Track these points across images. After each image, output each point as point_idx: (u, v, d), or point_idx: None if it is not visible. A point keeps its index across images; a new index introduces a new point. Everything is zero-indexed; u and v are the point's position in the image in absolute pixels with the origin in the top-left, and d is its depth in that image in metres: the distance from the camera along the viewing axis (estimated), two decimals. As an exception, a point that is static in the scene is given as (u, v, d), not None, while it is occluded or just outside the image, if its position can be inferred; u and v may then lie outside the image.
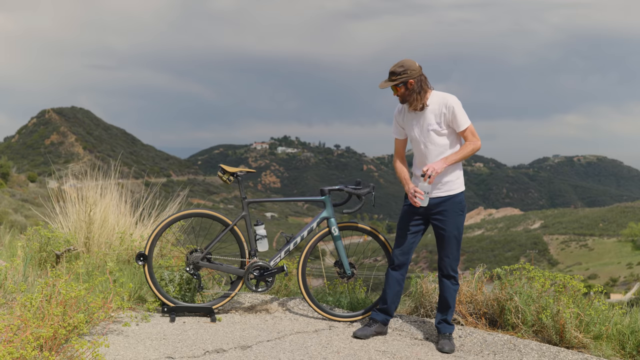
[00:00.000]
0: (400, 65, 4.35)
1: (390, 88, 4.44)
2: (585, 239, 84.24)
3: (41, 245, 5.62)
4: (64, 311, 3.59)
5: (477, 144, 4.40)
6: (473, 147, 4.39)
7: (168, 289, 4.98)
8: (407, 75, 4.33)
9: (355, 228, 5.01)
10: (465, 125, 4.37)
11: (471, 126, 4.40)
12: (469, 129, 4.38)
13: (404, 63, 4.36)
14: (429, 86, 4.40)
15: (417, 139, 4.49)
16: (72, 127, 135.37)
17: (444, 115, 4.37)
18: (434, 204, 4.44)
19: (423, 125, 4.43)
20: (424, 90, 4.37)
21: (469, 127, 4.38)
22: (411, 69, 4.33)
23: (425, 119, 4.42)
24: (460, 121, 4.36)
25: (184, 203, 6.56)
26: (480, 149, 4.48)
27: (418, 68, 4.36)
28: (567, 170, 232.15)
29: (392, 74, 4.37)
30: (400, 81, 4.34)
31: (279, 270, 4.88)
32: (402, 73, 4.33)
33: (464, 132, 4.39)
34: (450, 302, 4.52)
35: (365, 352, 4.19)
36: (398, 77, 4.34)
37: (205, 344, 4.13)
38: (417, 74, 4.34)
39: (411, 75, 4.33)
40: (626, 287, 54.79)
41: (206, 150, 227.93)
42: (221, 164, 4.89)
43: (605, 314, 4.61)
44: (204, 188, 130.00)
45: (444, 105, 4.37)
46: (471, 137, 4.40)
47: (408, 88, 4.36)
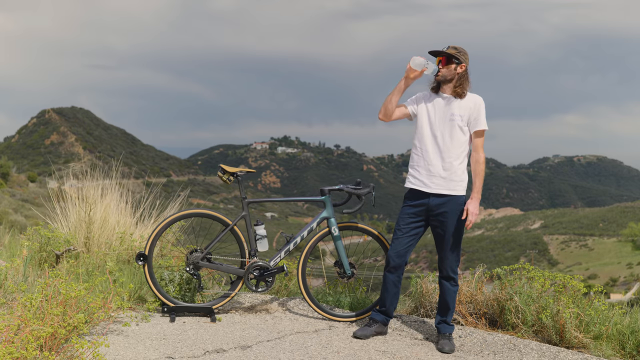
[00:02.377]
0: (458, 49, 4.35)
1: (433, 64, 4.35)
2: (585, 239, 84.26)
3: (41, 245, 5.62)
4: (64, 311, 3.59)
5: (482, 158, 4.40)
6: (483, 167, 4.38)
7: (168, 289, 4.98)
8: (462, 59, 4.34)
9: (355, 228, 5.01)
10: (484, 127, 4.38)
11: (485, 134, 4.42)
12: (483, 133, 4.40)
13: (461, 49, 4.36)
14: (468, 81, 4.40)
15: (434, 127, 4.41)
16: (72, 127, 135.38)
17: (470, 109, 4.36)
18: (435, 204, 4.43)
19: (446, 114, 4.38)
20: (467, 81, 4.38)
21: (484, 132, 4.41)
22: (466, 56, 4.36)
23: (450, 109, 4.38)
24: (483, 120, 4.38)
25: (185, 203, 6.56)
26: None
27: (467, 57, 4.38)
28: (567, 170, 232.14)
29: (449, 54, 4.31)
30: (454, 61, 4.33)
31: (279, 270, 4.88)
32: (457, 54, 4.32)
33: (479, 133, 4.38)
34: (450, 304, 4.52)
35: (365, 352, 4.19)
36: (457, 53, 4.33)
37: (205, 344, 4.13)
38: (468, 63, 4.37)
39: (464, 61, 4.35)
40: (626, 287, 54.79)
41: (206, 150, 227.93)
42: (221, 164, 4.90)
43: (605, 314, 4.61)
44: (204, 188, 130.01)
45: (472, 101, 4.37)
46: (480, 145, 4.40)
47: (458, 70, 4.34)
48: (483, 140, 4.41)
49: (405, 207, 4.56)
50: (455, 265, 4.51)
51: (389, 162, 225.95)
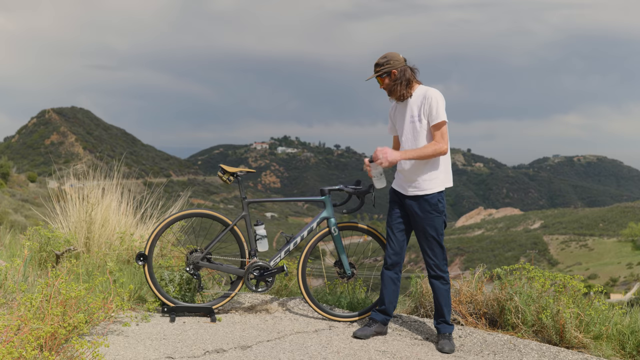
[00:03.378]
0: (384, 57, 4.44)
1: (377, 81, 4.50)
2: (585, 239, 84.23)
3: (41, 245, 5.62)
4: (64, 311, 3.59)
5: (442, 147, 4.32)
6: (435, 149, 4.31)
7: (168, 289, 4.98)
8: (390, 66, 4.40)
9: (355, 228, 5.02)
10: (439, 119, 4.31)
11: (444, 126, 4.34)
12: (441, 125, 4.32)
13: (387, 55, 4.45)
14: (415, 78, 4.45)
15: (400, 133, 4.53)
16: (72, 127, 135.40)
17: (419, 105, 4.39)
18: (409, 204, 4.50)
19: (406, 118, 4.47)
20: (408, 80, 4.41)
21: (442, 125, 4.33)
22: (394, 60, 4.41)
23: (409, 111, 4.45)
24: (436, 113, 4.32)
25: (186, 203, 6.56)
26: (480, 149, 4.50)
27: (401, 59, 4.44)
28: (567, 170, 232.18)
29: (376, 66, 4.46)
30: (384, 71, 4.41)
31: (279, 270, 4.88)
32: (385, 64, 4.42)
33: (435, 127, 4.33)
34: (443, 303, 4.51)
35: (365, 352, 4.19)
36: (382, 68, 4.42)
37: (205, 344, 4.13)
38: (400, 65, 4.41)
39: (394, 66, 4.40)
40: (626, 287, 54.78)
41: (206, 150, 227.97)
42: (221, 164, 4.90)
43: (605, 314, 4.61)
44: (204, 188, 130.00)
45: (424, 96, 4.39)
46: (439, 137, 4.33)
47: (392, 78, 4.42)
48: (442, 132, 4.33)
49: (390, 206, 4.66)
50: (441, 263, 4.50)
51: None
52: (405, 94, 4.42)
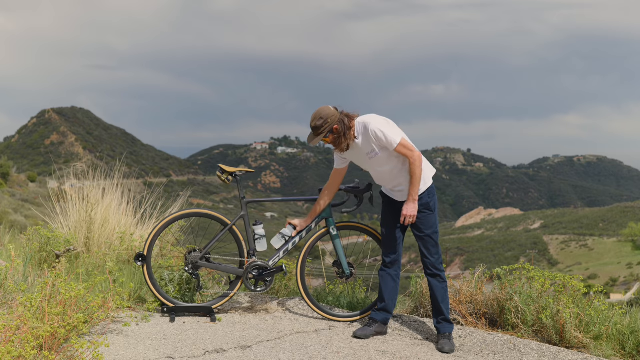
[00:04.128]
0: (319, 118, 4.41)
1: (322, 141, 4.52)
2: (585, 239, 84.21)
3: (41, 245, 5.61)
4: (63, 311, 3.59)
5: (414, 157, 4.38)
6: (415, 165, 4.38)
7: (168, 289, 4.98)
8: (328, 124, 4.40)
9: (354, 228, 5.01)
10: (395, 144, 4.36)
11: (402, 141, 4.37)
12: (400, 146, 4.36)
13: (321, 113, 4.42)
14: (352, 119, 4.45)
15: (367, 167, 4.62)
16: (72, 127, 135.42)
17: (371, 141, 4.41)
18: (401, 207, 4.57)
19: (363, 156, 4.53)
20: (348, 128, 4.43)
21: (400, 144, 4.36)
22: (330, 116, 4.40)
23: (362, 150, 4.50)
24: (388, 141, 4.36)
25: (185, 203, 6.56)
26: (480, 149, 4.52)
27: (335, 112, 4.43)
28: (567, 170, 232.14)
29: (315, 129, 4.43)
30: (326, 131, 4.41)
31: (278, 270, 4.88)
32: (323, 124, 4.40)
33: (398, 148, 4.38)
34: (441, 301, 4.53)
35: (365, 352, 4.19)
36: (323, 129, 4.41)
37: (205, 344, 4.13)
38: (336, 118, 4.41)
39: (332, 122, 4.40)
40: (626, 287, 54.78)
41: (206, 150, 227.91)
42: (220, 164, 4.90)
43: (605, 314, 4.61)
44: (204, 188, 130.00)
45: (366, 132, 4.41)
46: (406, 152, 4.38)
47: (335, 133, 4.43)
48: (406, 147, 4.38)
49: (383, 205, 4.73)
50: (437, 261, 4.54)
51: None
52: (350, 143, 4.46)
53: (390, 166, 4.49)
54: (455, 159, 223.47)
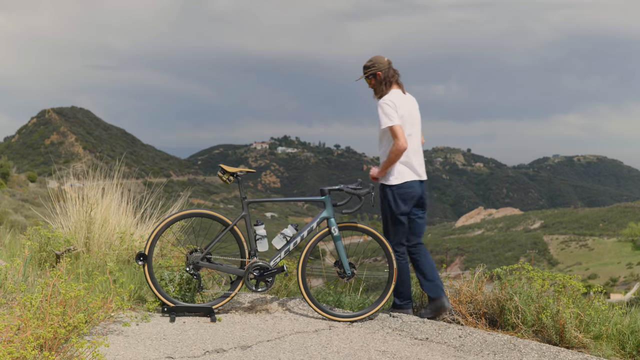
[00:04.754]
0: (370, 60, 4.96)
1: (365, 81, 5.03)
2: (585, 239, 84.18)
3: (41, 245, 5.61)
4: (63, 311, 3.58)
5: (396, 146, 4.76)
6: (392, 150, 4.79)
7: (168, 289, 4.98)
8: (375, 68, 4.92)
9: (355, 228, 5.01)
10: (383, 126, 4.81)
11: (394, 128, 4.76)
12: (389, 130, 4.79)
13: (373, 58, 4.97)
14: (395, 82, 4.90)
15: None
16: (72, 127, 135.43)
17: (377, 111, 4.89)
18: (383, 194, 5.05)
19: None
20: (389, 81, 4.89)
21: (389, 129, 4.79)
22: (379, 63, 4.93)
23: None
24: (380, 121, 4.82)
25: (186, 203, 6.56)
26: (480, 149, 4.57)
27: (386, 62, 4.94)
28: (567, 170, 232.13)
29: (364, 68, 4.98)
30: (370, 73, 4.94)
31: (279, 270, 4.88)
32: (371, 67, 4.94)
33: (385, 131, 4.83)
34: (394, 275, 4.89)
35: (365, 352, 4.19)
36: (368, 70, 4.95)
37: (205, 344, 4.13)
38: (384, 67, 4.91)
39: (379, 68, 4.91)
40: (626, 287, 54.78)
41: (206, 150, 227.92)
42: (221, 164, 4.90)
43: (605, 314, 4.61)
44: (204, 188, 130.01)
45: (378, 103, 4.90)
46: (393, 139, 4.79)
47: (377, 79, 4.94)
48: (393, 132, 4.77)
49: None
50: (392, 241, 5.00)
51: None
52: (385, 93, 4.91)
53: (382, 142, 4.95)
54: (455, 159, 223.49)
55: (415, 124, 5.00)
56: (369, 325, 4.83)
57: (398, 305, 5.08)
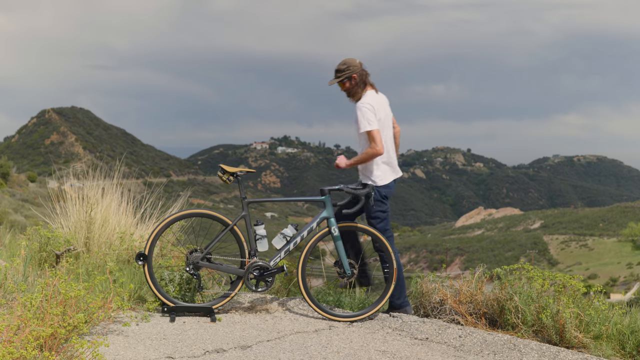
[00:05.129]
0: (343, 63, 4.94)
1: (337, 85, 5.01)
2: (585, 239, 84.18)
3: (41, 245, 5.61)
4: (63, 311, 3.59)
5: (373, 150, 4.83)
6: (368, 152, 4.85)
7: (168, 288, 4.98)
8: (350, 71, 4.92)
9: (355, 228, 5.02)
10: (362, 130, 4.86)
11: (372, 132, 4.82)
12: (367, 134, 4.84)
13: (346, 61, 4.95)
14: (369, 83, 4.95)
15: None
16: (72, 127, 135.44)
17: (354, 115, 4.96)
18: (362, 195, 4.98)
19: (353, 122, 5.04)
20: (364, 83, 4.93)
21: (368, 133, 4.84)
22: (353, 65, 4.93)
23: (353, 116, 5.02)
24: (359, 125, 4.87)
25: (186, 203, 6.56)
26: (480, 149, 4.58)
27: (359, 64, 4.96)
28: (567, 170, 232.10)
29: (337, 72, 4.96)
30: (345, 76, 4.92)
31: (279, 270, 4.88)
32: (345, 70, 4.93)
33: (364, 135, 4.89)
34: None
35: (365, 352, 4.19)
36: (343, 73, 4.93)
37: (205, 344, 4.13)
38: (358, 69, 4.93)
39: (353, 71, 4.92)
40: (626, 287, 54.78)
41: (206, 150, 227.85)
42: (221, 164, 4.90)
43: (605, 314, 4.61)
44: (204, 188, 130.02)
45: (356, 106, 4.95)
46: (370, 142, 4.85)
47: (352, 82, 4.93)
48: (371, 136, 4.83)
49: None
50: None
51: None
52: (361, 95, 4.96)
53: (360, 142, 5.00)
54: (455, 159, 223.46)
55: (389, 127, 5.13)
56: (369, 325, 4.83)
57: (397, 305, 5.07)
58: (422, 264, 79.55)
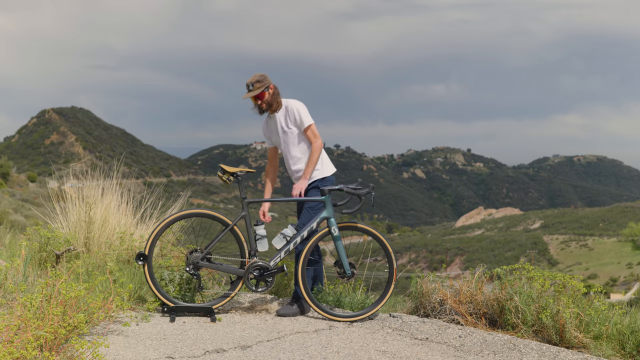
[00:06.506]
0: (260, 76, 5.01)
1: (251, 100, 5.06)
2: (585, 239, 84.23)
3: (41, 245, 5.61)
4: (64, 311, 3.59)
5: (317, 143, 5.05)
6: (315, 148, 5.04)
7: (168, 289, 4.98)
8: (267, 82, 5.01)
9: (355, 228, 5.01)
10: (308, 123, 5.04)
11: (313, 126, 5.07)
12: (310, 128, 5.06)
13: (259, 75, 5.02)
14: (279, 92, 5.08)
15: (279, 141, 5.20)
16: (72, 127, 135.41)
17: (288, 117, 5.08)
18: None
19: (278, 129, 5.13)
20: (279, 93, 5.07)
21: (310, 127, 5.05)
22: (266, 78, 5.03)
23: (278, 123, 5.12)
24: (302, 121, 5.04)
25: (186, 203, 6.56)
26: (480, 149, 4.59)
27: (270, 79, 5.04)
28: (567, 170, 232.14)
29: (256, 83, 4.99)
30: (264, 86, 4.98)
31: (279, 270, 4.88)
32: (263, 81, 4.99)
33: (306, 130, 5.05)
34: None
35: (365, 352, 4.19)
36: (261, 84, 4.98)
37: (205, 344, 4.13)
38: (271, 81, 5.03)
39: (269, 82, 5.02)
40: (626, 287, 54.81)
41: (206, 150, 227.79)
42: (221, 164, 4.90)
43: (605, 314, 4.61)
44: (204, 188, 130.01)
45: (288, 108, 5.08)
46: (312, 136, 5.05)
47: (270, 93, 5.02)
48: (313, 132, 5.06)
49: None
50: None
51: (389, 162, 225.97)
52: (280, 105, 5.08)
53: (300, 145, 5.11)
54: (455, 159, 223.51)
55: None
56: (369, 325, 4.84)
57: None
58: (422, 264, 79.58)
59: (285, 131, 5.10)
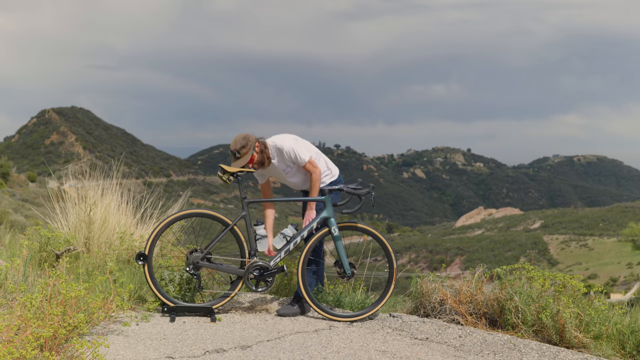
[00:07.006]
0: (242, 139, 4.90)
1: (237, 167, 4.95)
2: (585, 239, 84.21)
3: (41, 245, 5.61)
4: (64, 311, 3.59)
5: (316, 173, 5.02)
6: (314, 179, 5.01)
7: (168, 288, 4.98)
8: (251, 142, 4.90)
9: (355, 228, 5.01)
10: (305, 162, 5.00)
11: (310, 160, 5.01)
12: (308, 163, 5.01)
13: (240, 136, 4.92)
14: (265, 143, 5.01)
15: (283, 180, 5.25)
16: (72, 127, 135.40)
17: (284, 159, 5.02)
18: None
19: (280, 172, 5.12)
20: (265, 147, 4.98)
21: (308, 162, 5.01)
22: (249, 138, 4.92)
23: (278, 168, 5.07)
24: (299, 159, 4.98)
25: (186, 203, 6.56)
26: (480, 149, 4.60)
27: (251, 135, 4.96)
28: (567, 170, 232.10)
29: (242, 148, 4.89)
30: (251, 149, 4.89)
31: (279, 270, 4.88)
32: (247, 143, 4.88)
33: (305, 166, 5.01)
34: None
35: (365, 352, 4.19)
36: (247, 148, 4.88)
37: (205, 344, 4.13)
38: (255, 138, 4.95)
39: (254, 141, 4.92)
40: (626, 287, 54.80)
41: (206, 150, 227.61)
42: (221, 164, 4.90)
43: (605, 314, 4.61)
44: (204, 188, 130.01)
45: (280, 152, 5.00)
46: (311, 168, 5.01)
47: (257, 152, 4.94)
48: (311, 164, 5.03)
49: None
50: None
51: (389, 162, 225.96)
52: (270, 159, 5.01)
53: (301, 175, 5.12)
54: (455, 159, 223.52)
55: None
56: (369, 325, 4.84)
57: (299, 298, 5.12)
58: (422, 264, 79.56)
59: (288, 171, 5.12)
